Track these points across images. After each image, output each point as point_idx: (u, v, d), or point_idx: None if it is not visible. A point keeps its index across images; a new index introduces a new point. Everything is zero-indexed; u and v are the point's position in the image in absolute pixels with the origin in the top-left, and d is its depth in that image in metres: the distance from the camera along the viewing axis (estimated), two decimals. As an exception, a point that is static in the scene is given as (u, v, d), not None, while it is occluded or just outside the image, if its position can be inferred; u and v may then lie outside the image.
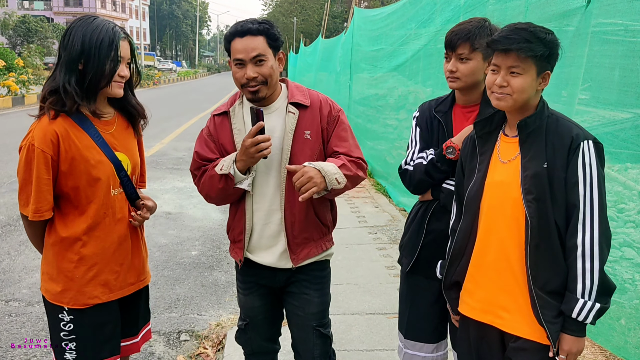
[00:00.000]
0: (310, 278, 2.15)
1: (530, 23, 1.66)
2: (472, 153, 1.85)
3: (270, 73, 1.95)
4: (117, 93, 1.90)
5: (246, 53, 1.92)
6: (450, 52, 2.03)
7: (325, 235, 2.16)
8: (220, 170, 1.97)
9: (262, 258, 2.11)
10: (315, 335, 2.17)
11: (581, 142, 1.61)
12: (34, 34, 39.52)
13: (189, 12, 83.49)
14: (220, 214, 6.03)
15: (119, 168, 1.93)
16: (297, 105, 2.04)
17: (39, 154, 1.78)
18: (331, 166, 1.94)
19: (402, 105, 6.54)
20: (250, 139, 1.90)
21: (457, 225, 1.89)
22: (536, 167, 1.64)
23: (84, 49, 1.78)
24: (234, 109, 2.09)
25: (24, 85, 17.51)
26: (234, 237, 2.16)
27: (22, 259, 4.56)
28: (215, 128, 2.11)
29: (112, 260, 1.96)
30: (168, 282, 4.22)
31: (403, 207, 6.17)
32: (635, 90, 2.51)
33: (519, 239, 1.68)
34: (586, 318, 1.59)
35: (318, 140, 2.05)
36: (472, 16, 4.24)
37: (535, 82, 1.65)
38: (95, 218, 1.90)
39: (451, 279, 1.90)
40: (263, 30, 1.93)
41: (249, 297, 2.23)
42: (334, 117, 2.08)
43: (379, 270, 4.40)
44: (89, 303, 1.93)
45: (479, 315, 1.80)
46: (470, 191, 1.80)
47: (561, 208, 1.62)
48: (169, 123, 13.67)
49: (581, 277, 1.59)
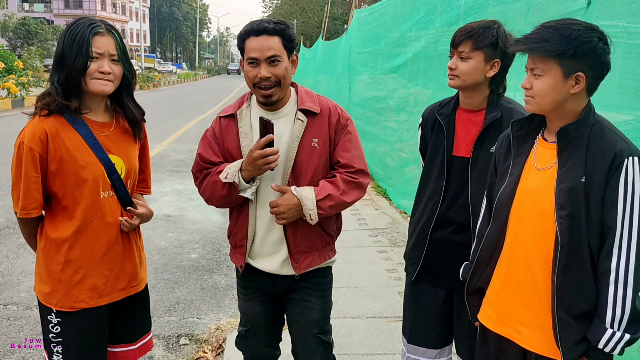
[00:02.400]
0: (312, 285, 2.12)
1: (566, 19, 1.54)
2: (506, 154, 1.74)
3: (284, 74, 1.93)
4: (100, 90, 1.84)
5: (261, 52, 1.89)
6: (453, 50, 2.02)
7: (329, 245, 2.13)
8: (225, 178, 1.95)
9: (264, 265, 2.09)
10: (316, 342, 2.15)
11: (625, 158, 1.47)
12: (34, 36, 39.55)
13: (189, 14, 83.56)
14: (220, 217, 6.01)
15: (110, 171, 1.91)
16: (306, 112, 2.01)
17: (27, 151, 1.78)
18: (310, 201, 1.93)
19: (402, 108, 6.53)
20: (258, 150, 1.87)
21: (485, 228, 1.79)
22: (573, 181, 1.51)
23: (63, 48, 1.80)
24: (241, 112, 2.06)
25: (24, 88, 17.49)
26: (235, 242, 2.14)
27: (20, 262, 4.55)
28: (220, 130, 2.08)
29: (100, 264, 1.93)
30: (167, 286, 4.21)
31: (403, 209, 6.16)
32: (635, 92, 2.50)
33: (547, 255, 1.57)
34: (613, 349, 1.49)
35: (325, 149, 2.02)
36: (472, 18, 4.25)
37: (562, 84, 1.51)
38: (82, 220, 1.88)
39: (475, 285, 1.81)
40: (279, 31, 1.91)
41: (249, 303, 2.21)
42: (342, 125, 2.05)
43: (380, 273, 4.38)
44: (75, 307, 1.91)
45: (496, 327, 1.72)
46: (501, 196, 1.69)
47: (596, 228, 1.50)
48: (168, 125, 13.66)
49: (612, 305, 1.48)
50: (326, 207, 1.95)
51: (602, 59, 1.50)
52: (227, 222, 2.18)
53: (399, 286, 4.05)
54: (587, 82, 1.52)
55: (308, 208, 1.93)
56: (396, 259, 4.71)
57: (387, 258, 4.74)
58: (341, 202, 1.98)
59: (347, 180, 2.00)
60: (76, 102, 1.84)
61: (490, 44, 1.94)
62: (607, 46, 1.51)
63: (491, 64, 1.97)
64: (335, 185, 1.98)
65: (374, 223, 5.81)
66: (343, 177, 2.00)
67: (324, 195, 1.94)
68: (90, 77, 1.81)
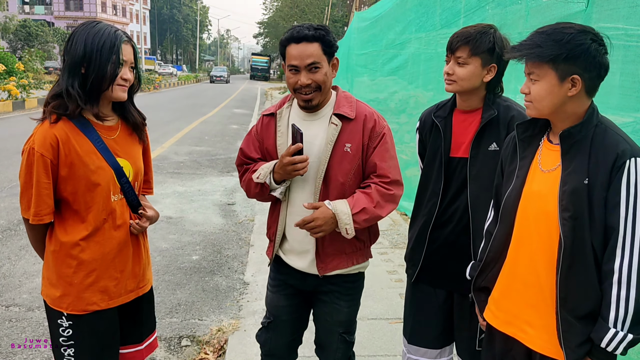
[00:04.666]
0: (342, 290, 2.15)
1: (560, 23, 1.55)
2: (512, 155, 1.75)
3: (324, 80, 1.96)
4: (121, 97, 1.89)
5: (301, 60, 1.93)
6: (450, 55, 2.03)
7: (360, 250, 2.13)
8: (257, 178, 2.03)
9: (294, 262, 2.14)
10: (339, 341, 2.21)
11: (627, 159, 1.47)
12: (35, 38, 39.64)
13: (189, 16, 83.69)
14: (221, 219, 6.02)
15: (119, 174, 1.93)
16: (341, 117, 2.02)
17: (38, 157, 1.79)
18: (347, 215, 1.93)
19: (402, 109, 6.55)
20: (288, 157, 1.92)
21: (493, 227, 1.81)
22: (576, 182, 1.51)
23: (86, 52, 1.79)
24: (281, 112, 2.12)
25: (25, 90, 17.51)
26: (269, 235, 2.22)
27: (22, 264, 4.55)
28: (262, 128, 2.16)
29: (111, 266, 1.95)
30: (169, 287, 4.21)
31: (404, 211, 6.17)
32: (636, 94, 2.51)
33: (551, 256, 1.58)
34: (616, 349, 1.49)
35: (358, 154, 2.02)
36: (472, 20, 4.27)
37: (559, 88, 1.52)
38: (94, 223, 1.89)
39: (481, 283, 1.83)
40: (319, 37, 1.94)
41: (276, 295, 2.24)
42: (378, 133, 2.03)
43: (381, 275, 4.39)
44: (87, 309, 1.92)
45: (503, 326, 1.73)
46: (508, 198, 1.71)
47: (599, 229, 1.51)
48: (169, 127, 13.67)
49: (615, 305, 1.48)
50: (361, 220, 1.95)
51: (598, 60, 1.50)
52: (228, 224, 2.20)
53: (400, 288, 4.05)
54: (585, 84, 1.52)
55: (344, 222, 1.94)
56: (397, 260, 4.72)
57: (388, 260, 4.75)
58: (375, 215, 1.97)
59: (382, 192, 1.99)
60: (96, 108, 1.87)
61: (487, 49, 1.96)
62: (603, 47, 1.51)
63: (488, 68, 1.99)
64: (370, 198, 1.97)
65: (374, 225, 5.81)
66: (378, 189, 1.99)
67: (359, 209, 1.94)
68: (115, 83, 1.84)
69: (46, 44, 39.93)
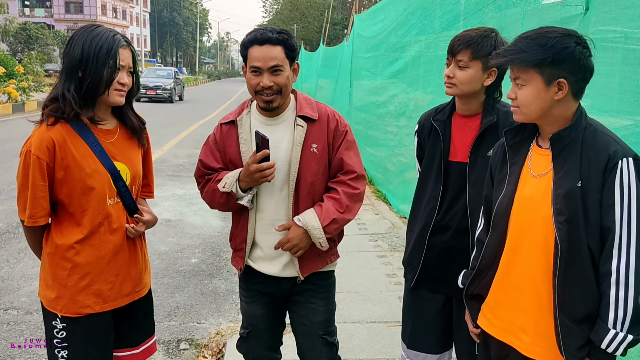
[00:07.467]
0: (316, 287, 2.15)
1: (543, 28, 1.56)
2: (502, 162, 1.75)
3: (285, 83, 1.97)
4: (118, 101, 1.88)
5: (264, 62, 1.93)
6: (451, 58, 2.03)
7: (331, 249, 2.15)
8: (223, 188, 2.01)
9: (266, 268, 2.12)
10: (321, 344, 2.19)
11: (619, 160, 1.47)
12: (35, 41, 39.65)
13: (189, 19, 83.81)
14: (220, 221, 6.01)
15: (116, 178, 1.92)
16: (305, 119, 2.05)
17: (34, 160, 1.79)
18: (317, 230, 1.98)
19: (402, 112, 6.55)
20: (255, 164, 1.92)
21: (485, 236, 1.81)
22: (569, 186, 1.51)
23: (83, 56, 1.79)
24: (242, 119, 2.10)
25: (25, 92, 17.52)
26: (235, 245, 2.18)
27: (21, 267, 4.54)
28: (221, 137, 2.13)
29: (106, 270, 1.94)
30: (167, 290, 4.21)
31: (403, 214, 6.16)
32: (634, 97, 2.50)
33: (547, 261, 1.57)
34: (616, 350, 1.49)
35: (324, 154, 2.06)
36: (471, 23, 4.27)
37: (545, 92, 1.53)
38: (90, 227, 1.89)
39: (474, 290, 1.82)
40: (282, 40, 1.95)
41: (251, 305, 2.23)
42: (341, 132, 2.09)
43: (380, 278, 4.38)
44: (81, 312, 1.92)
45: (500, 334, 1.72)
46: (500, 205, 1.70)
47: (595, 231, 1.50)
48: (169, 130, 13.67)
49: (614, 306, 1.48)
50: (332, 230, 2.02)
51: (583, 63, 1.51)
52: (227, 226, 2.21)
53: (399, 291, 4.04)
54: (571, 87, 1.53)
55: (317, 237, 1.99)
56: (396, 263, 4.71)
57: (387, 263, 4.74)
58: (346, 220, 2.05)
59: (350, 194, 2.04)
60: (92, 112, 1.86)
61: (488, 53, 1.95)
62: (587, 49, 1.52)
63: (488, 72, 1.99)
64: (339, 204, 2.03)
65: (374, 228, 5.81)
66: (345, 192, 2.04)
67: (329, 221, 1.99)
68: (112, 87, 1.84)
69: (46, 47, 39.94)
